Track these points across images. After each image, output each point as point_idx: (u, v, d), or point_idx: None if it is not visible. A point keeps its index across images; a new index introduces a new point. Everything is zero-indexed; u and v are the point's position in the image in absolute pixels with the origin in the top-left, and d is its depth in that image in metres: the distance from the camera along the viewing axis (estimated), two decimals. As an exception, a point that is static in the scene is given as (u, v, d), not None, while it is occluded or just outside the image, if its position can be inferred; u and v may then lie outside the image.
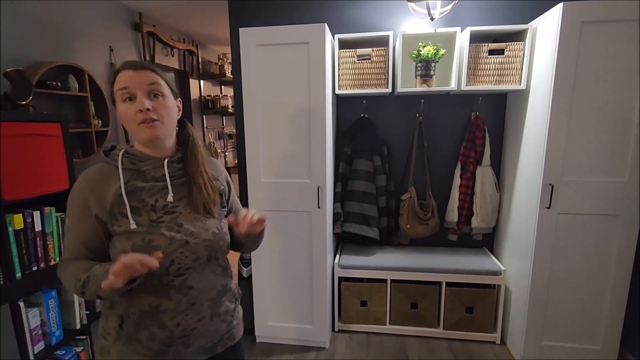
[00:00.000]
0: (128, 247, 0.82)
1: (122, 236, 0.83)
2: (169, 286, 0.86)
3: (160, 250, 0.82)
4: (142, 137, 0.86)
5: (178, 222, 0.88)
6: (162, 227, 0.85)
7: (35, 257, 1.54)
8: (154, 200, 0.87)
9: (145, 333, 0.86)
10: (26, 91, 1.69)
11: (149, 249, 0.82)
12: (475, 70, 1.98)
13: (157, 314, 0.86)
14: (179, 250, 0.86)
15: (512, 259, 2.14)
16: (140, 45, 2.90)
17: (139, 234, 0.83)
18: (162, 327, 0.86)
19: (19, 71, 1.66)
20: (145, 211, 0.86)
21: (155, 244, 0.83)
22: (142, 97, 0.84)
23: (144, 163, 0.88)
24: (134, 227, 0.83)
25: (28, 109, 1.72)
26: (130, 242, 0.82)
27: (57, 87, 2.00)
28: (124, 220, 0.83)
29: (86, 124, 2.26)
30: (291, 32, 1.85)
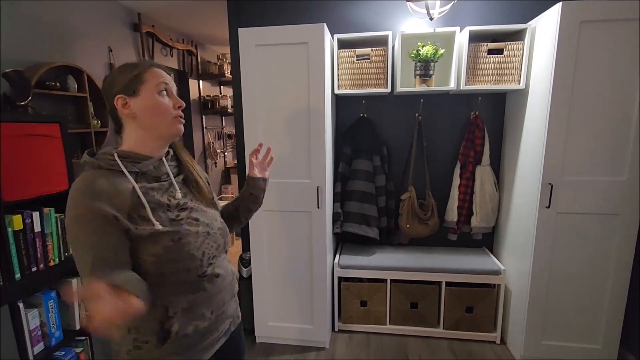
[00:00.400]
0: (159, 250, 0.82)
1: (148, 239, 0.81)
2: (203, 278, 0.90)
3: (191, 245, 0.86)
4: (173, 131, 0.89)
5: (194, 217, 0.91)
6: (184, 224, 0.87)
7: (34, 258, 1.54)
8: (166, 199, 0.88)
9: (191, 327, 0.88)
10: (25, 92, 1.69)
11: (180, 247, 0.84)
12: (474, 70, 1.98)
13: (196, 306, 0.89)
14: (206, 242, 0.90)
15: (511, 258, 2.14)
16: (139, 45, 2.90)
17: (167, 234, 0.83)
18: (202, 317, 0.90)
19: (18, 72, 1.66)
20: (162, 211, 0.86)
21: (184, 241, 0.85)
22: (176, 96, 0.92)
23: (143, 164, 0.87)
24: (160, 227, 0.82)
25: (27, 109, 1.72)
26: (159, 245, 0.81)
27: (56, 87, 2.00)
28: (146, 223, 0.81)
29: (85, 124, 2.26)
30: (290, 32, 1.85)
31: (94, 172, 0.82)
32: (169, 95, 0.89)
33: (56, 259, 1.64)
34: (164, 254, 0.82)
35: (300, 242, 2.06)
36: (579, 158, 1.76)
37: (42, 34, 2.02)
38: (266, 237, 2.09)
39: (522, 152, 2.02)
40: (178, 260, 0.84)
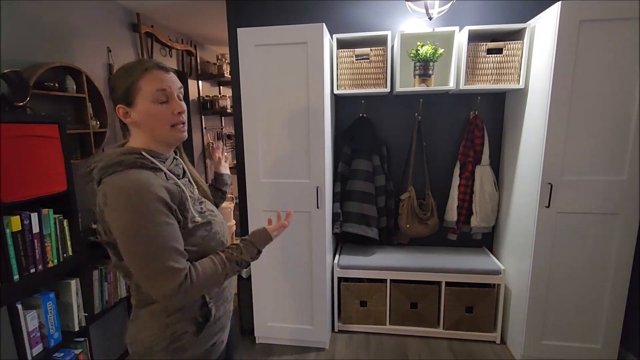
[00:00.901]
0: (199, 240, 0.88)
1: (190, 231, 0.87)
2: None
3: (219, 234, 0.95)
4: (175, 139, 0.91)
5: (209, 209, 0.99)
6: (208, 215, 0.94)
7: (33, 259, 1.53)
8: (190, 192, 0.92)
9: (221, 311, 0.97)
10: (23, 92, 1.68)
11: (212, 236, 0.92)
12: (473, 70, 1.98)
13: (224, 290, 0.99)
14: (223, 230, 0.98)
15: (511, 258, 2.14)
16: (138, 45, 2.89)
17: (202, 225, 0.90)
18: (228, 300, 1.01)
19: (16, 72, 1.65)
20: (192, 204, 0.90)
21: (214, 231, 0.93)
22: (177, 100, 0.89)
23: (166, 162, 0.91)
24: (199, 219, 0.89)
25: (25, 110, 1.71)
26: (197, 235, 0.88)
27: (54, 88, 1.99)
28: (189, 215, 0.87)
29: (84, 125, 2.25)
30: (289, 32, 1.85)
31: (138, 170, 0.82)
32: (169, 100, 0.87)
33: (55, 260, 1.64)
34: (202, 243, 0.89)
35: (300, 243, 2.06)
36: (578, 157, 1.76)
37: (41, 34, 2.01)
38: (266, 237, 2.08)
39: (521, 151, 2.02)
40: (212, 248, 0.92)
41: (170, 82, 0.88)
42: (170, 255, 0.79)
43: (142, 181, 0.79)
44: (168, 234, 0.80)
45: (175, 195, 0.84)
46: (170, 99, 0.88)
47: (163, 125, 0.88)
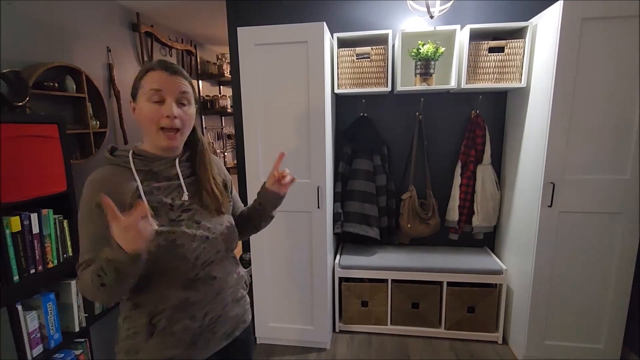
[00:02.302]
0: (152, 248, 0.81)
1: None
2: (196, 279, 0.89)
3: (184, 248, 0.86)
4: (160, 144, 0.88)
5: (196, 220, 0.91)
6: (183, 225, 0.88)
7: (33, 260, 1.53)
8: (170, 199, 0.89)
9: (179, 326, 0.87)
10: (23, 92, 1.68)
11: (174, 247, 0.85)
12: (475, 69, 1.97)
13: (187, 306, 0.88)
14: (202, 245, 0.89)
15: (513, 257, 2.13)
16: (138, 45, 2.89)
17: (162, 233, 0.84)
18: (193, 318, 0.89)
19: (15, 72, 1.65)
20: (164, 211, 0.87)
21: (179, 242, 0.85)
22: (171, 103, 0.85)
23: (156, 163, 0.89)
24: (156, 227, 0.79)
25: (25, 110, 1.71)
26: (154, 242, 0.81)
27: (54, 88, 1.99)
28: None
29: (84, 125, 2.25)
30: (290, 31, 1.84)
31: (108, 167, 0.87)
32: (163, 101, 0.85)
33: (55, 261, 1.63)
34: (156, 252, 0.82)
35: (301, 243, 2.05)
36: (581, 156, 1.75)
37: (40, 34, 2.01)
38: (266, 237, 2.07)
39: (523, 151, 2.01)
40: (168, 260, 0.85)
41: (169, 84, 0.85)
42: (84, 246, 0.83)
43: (96, 178, 0.84)
44: (91, 233, 0.82)
45: (125, 197, 0.83)
46: (163, 101, 0.85)
47: (151, 125, 0.86)
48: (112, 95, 2.57)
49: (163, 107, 0.85)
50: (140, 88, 0.86)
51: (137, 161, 0.87)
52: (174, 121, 0.85)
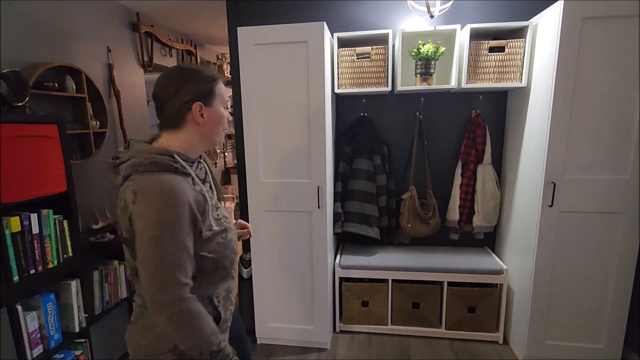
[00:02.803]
0: (215, 247, 0.89)
1: (208, 240, 0.88)
2: (231, 269, 0.98)
3: (232, 242, 0.96)
4: (219, 140, 0.98)
5: (224, 215, 0.98)
6: (223, 222, 0.94)
7: (33, 260, 1.53)
8: (210, 200, 0.91)
9: (228, 313, 0.97)
10: (23, 92, 1.68)
11: (227, 242, 0.93)
12: (475, 68, 1.97)
13: (230, 293, 0.99)
14: (234, 237, 0.99)
15: (514, 257, 2.12)
16: (138, 45, 2.89)
17: (219, 233, 0.90)
18: (232, 302, 1.00)
19: (15, 72, 1.65)
20: (212, 211, 0.91)
21: (229, 237, 0.94)
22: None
23: (193, 166, 0.93)
24: (217, 228, 0.89)
25: (25, 110, 1.71)
26: (214, 242, 0.89)
27: (54, 88, 1.99)
28: (207, 224, 0.87)
29: (84, 125, 2.24)
30: (290, 31, 1.84)
31: (172, 176, 0.83)
32: (227, 108, 0.98)
33: (55, 261, 1.63)
34: (218, 250, 0.89)
35: (301, 243, 2.05)
36: (581, 156, 1.75)
37: (40, 34, 2.00)
38: (266, 237, 2.07)
39: (524, 150, 2.01)
40: (226, 255, 0.93)
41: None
42: (181, 269, 0.80)
43: (176, 190, 0.80)
44: (185, 248, 0.81)
45: (200, 204, 0.86)
46: (227, 107, 0.98)
47: (221, 127, 0.96)
48: (112, 95, 2.57)
49: (226, 113, 0.97)
50: (217, 95, 0.93)
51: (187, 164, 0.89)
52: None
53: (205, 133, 0.93)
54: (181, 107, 0.88)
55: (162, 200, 0.78)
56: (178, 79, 0.89)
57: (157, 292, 0.79)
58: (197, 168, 0.95)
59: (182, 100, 0.88)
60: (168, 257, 0.79)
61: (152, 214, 0.78)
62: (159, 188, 0.79)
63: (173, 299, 0.79)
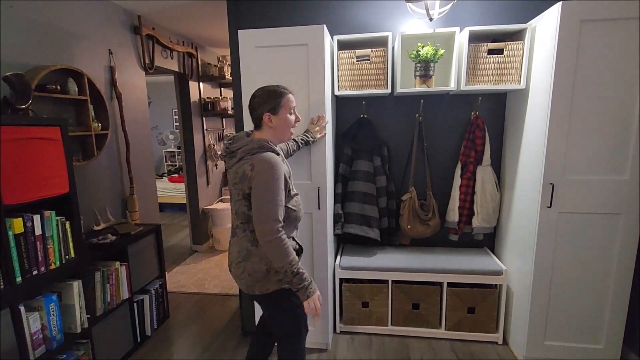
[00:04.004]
0: (294, 203, 1.40)
1: (291, 198, 1.38)
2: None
3: (300, 204, 1.46)
4: (288, 137, 1.44)
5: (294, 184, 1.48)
6: (294, 189, 1.44)
7: (35, 261, 1.54)
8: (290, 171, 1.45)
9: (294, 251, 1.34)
10: (25, 95, 1.69)
11: (299, 202, 1.45)
12: (474, 70, 1.98)
13: (295, 237, 1.47)
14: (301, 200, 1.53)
15: (513, 258, 2.13)
16: (139, 48, 2.90)
17: (295, 195, 1.42)
18: (297, 243, 1.49)
19: (18, 75, 1.66)
20: (291, 181, 1.42)
21: (299, 199, 1.45)
22: (296, 114, 1.44)
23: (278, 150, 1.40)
24: (295, 191, 1.42)
25: (27, 112, 1.72)
26: (294, 200, 1.40)
27: (56, 90, 2.00)
28: (290, 186, 1.39)
29: (86, 127, 2.26)
30: (290, 34, 1.85)
31: (272, 154, 1.31)
32: (293, 113, 1.41)
33: (57, 262, 1.64)
34: (296, 205, 1.41)
35: (302, 243, 2.05)
36: (580, 157, 1.76)
37: (43, 37, 2.02)
38: (267, 238, 2.08)
39: (523, 151, 2.02)
40: (299, 208, 1.44)
41: (294, 102, 1.42)
42: (279, 211, 1.26)
43: (277, 160, 1.29)
44: (282, 198, 1.28)
45: (288, 172, 1.38)
46: (293, 112, 1.42)
47: (288, 128, 1.41)
48: (114, 98, 2.59)
49: (295, 116, 1.43)
50: (282, 106, 1.37)
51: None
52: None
53: (277, 133, 1.40)
54: (258, 116, 1.38)
55: (270, 167, 1.26)
56: (257, 96, 1.38)
57: (262, 225, 1.25)
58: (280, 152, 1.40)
59: (258, 112, 1.37)
60: (271, 203, 1.25)
61: (266, 175, 1.25)
62: (269, 160, 1.27)
63: (271, 231, 1.24)
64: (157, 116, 6.88)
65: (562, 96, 1.70)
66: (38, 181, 1.54)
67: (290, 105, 1.38)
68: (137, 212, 2.72)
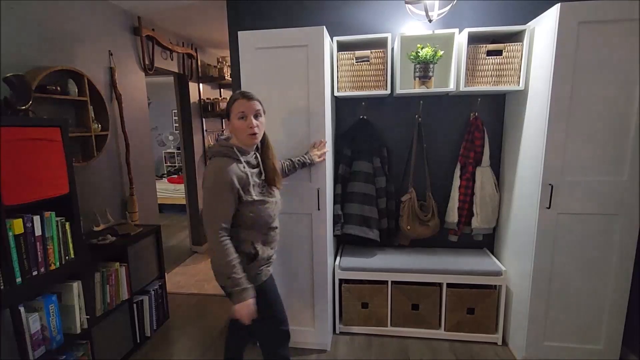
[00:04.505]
0: (254, 210, 1.39)
1: (250, 203, 1.37)
2: (271, 228, 1.49)
3: (269, 209, 1.45)
4: (247, 142, 1.42)
5: (269, 192, 1.48)
6: (266, 195, 1.45)
7: (35, 262, 1.54)
8: (257, 179, 1.43)
9: (265, 254, 1.46)
10: (26, 96, 1.69)
11: (264, 208, 1.42)
12: (473, 71, 1.99)
13: (267, 244, 1.48)
14: (274, 207, 1.48)
15: (512, 259, 2.14)
16: (139, 49, 2.91)
17: (258, 201, 1.40)
18: (270, 250, 1.50)
19: (18, 76, 1.66)
20: (257, 187, 1.42)
21: (267, 205, 1.43)
22: (251, 119, 1.38)
23: (246, 155, 1.43)
24: (255, 197, 1.38)
25: (28, 113, 1.72)
26: (254, 207, 1.38)
27: (56, 91, 2.01)
28: (249, 194, 1.37)
29: (86, 128, 2.26)
30: (290, 35, 1.86)
31: (226, 159, 1.35)
32: (246, 118, 1.38)
33: (57, 263, 1.64)
34: (256, 212, 1.39)
35: (301, 244, 2.06)
36: (579, 158, 1.77)
37: (43, 38, 2.02)
38: (267, 239, 2.08)
39: (522, 152, 2.02)
40: (262, 216, 1.42)
41: (248, 106, 1.38)
42: (219, 215, 1.33)
43: (224, 166, 1.33)
44: (227, 203, 1.33)
45: (242, 179, 1.35)
46: (246, 117, 1.38)
47: (242, 133, 1.39)
48: (114, 99, 2.59)
49: (246, 121, 1.38)
50: (232, 112, 1.40)
51: (239, 154, 1.38)
52: (253, 129, 1.38)
53: (236, 137, 1.43)
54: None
55: (214, 173, 1.33)
56: None
57: (205, 227, 1.34)
58: (251, 156, 1.44)
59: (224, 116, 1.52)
60: (212, 207, 1.33)
61: (209, 181, 1.34)
62: (215, 166, 1.34)
63: (211, 233, 1.32)
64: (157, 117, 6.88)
65: (561, 97, 1.71)
66: (38, 182, 1.54)
67: (238, 110, 1.37)
68: (136, 212, 2.72)
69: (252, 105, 1.39)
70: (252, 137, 1.39)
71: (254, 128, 1.38)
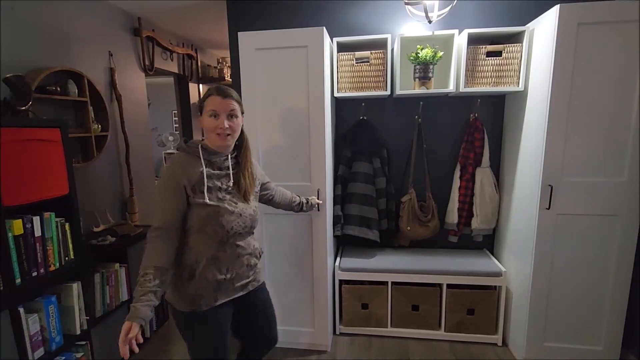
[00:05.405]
0: (204, 214, 1.20)
1: (200, 206, 1.20)
2: (226, 244, 1.27)
3: (224, 218, 1.23)
4: (216, 144, 1.25)
5: (234, 201, 1.28)
6: (226, 203, 1.25)
7: (35, 263, 1.54)
8: (220, 183, 1.26)
9: (210, 275, 1.24)
10: (26, 97, 1.69)
11: (217, 216, 1.22)
12: (473, 72, 1.99)
13: (217, 262, 1.26)
14: (236, 220, 1.26)
15: (512, 260, 2.14)
16: (139, 50, 2.91)
17: (212, 206, 1.21)
18: (219, 271, 1.26)
19: (18, 77, 1.67)
20: (215, 191, 1.24)
21: (221, 213, 1.22)
22: (223, 118, 1.22)
23: (215, 156, 1.27)
24: (209, 201, 1.21)
25: (28, 114, 1.72)
26: (205, 211, 1.20)
27: (56, 92, 2.01)
28: (202, 195, 1.21)
29: (85, 128, 2.26)
30: (290, 36, 1.86)
31: (184, 155, 1.25)
32: (217, 117, 1.22)
33: (57, 264, 1.64)
34: (205, 217, 1.20)
35: (301, 245, 2.06)
36: (578, 159, 1.77)
37: (43, 39, 2.02)
38: (267, 239, 2.09)
39: (521, 153, 2.02)
40: (212, 225, 1.21)
41: (222, 105, 1.22)
42: (157, 214, 1.18)
43: (173, 163, 1.23)
44: (168, 203, 1.19)
45: (192, 177, 1.20)
46: (218, 116, 1.22)
47: (210, 132, 1.24)
48: (114, 99, 2.59)
49: (218, 120, 1.22)
50: (204, 108, 1.24)
51: (203, 152, 1.24)
52: (225, 130, 1.22)
53: (205, 135, 1.28)
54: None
55: (165, 170, 1.23)
56: None
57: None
58: (221, 159, 1.28)
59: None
60: (156, 205, 1.20)
61: (160, 178, 1.24)
62: (169, 162, 1.25)
63: (151, 230, 1.17)
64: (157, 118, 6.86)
65: (560, 98, 1.71)
66: (38, 182, 1.54)
67: (210, 107, 1.22)
68: (136, 213, 2.72)
69: (226, 104, 1.22)
70: (221, 138, 1.22)
71: (224, 129, 1.21)
